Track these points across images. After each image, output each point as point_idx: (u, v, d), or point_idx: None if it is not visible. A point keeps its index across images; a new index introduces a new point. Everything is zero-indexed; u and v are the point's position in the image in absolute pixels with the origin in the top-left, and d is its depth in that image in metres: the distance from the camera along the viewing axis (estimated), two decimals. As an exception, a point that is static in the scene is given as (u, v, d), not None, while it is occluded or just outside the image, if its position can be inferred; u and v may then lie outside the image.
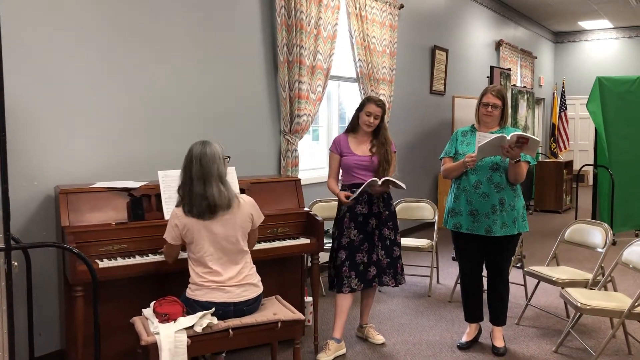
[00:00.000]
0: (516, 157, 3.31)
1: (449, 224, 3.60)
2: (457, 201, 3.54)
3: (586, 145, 12.96)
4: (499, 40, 9.98)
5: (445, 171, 3.62)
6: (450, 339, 3.87)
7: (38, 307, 3.21)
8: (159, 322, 2.64)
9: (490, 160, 3.44)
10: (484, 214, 3.44)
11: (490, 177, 3.45)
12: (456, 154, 3.58)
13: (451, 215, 3.58)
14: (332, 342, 3.53)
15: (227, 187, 2.80)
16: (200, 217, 2.74)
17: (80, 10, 3.38)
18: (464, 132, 3.66)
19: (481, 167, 3.45)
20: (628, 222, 7.13)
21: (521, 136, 3.22)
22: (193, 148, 2.80)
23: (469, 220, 3.49)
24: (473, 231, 3.49)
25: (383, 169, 3.54)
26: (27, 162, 3.18)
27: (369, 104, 3.56)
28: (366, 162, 3.54)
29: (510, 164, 3.37)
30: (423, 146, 7.53)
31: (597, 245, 3.96)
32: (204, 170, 2.74)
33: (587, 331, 4.04)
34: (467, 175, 3.49)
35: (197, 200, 2.73)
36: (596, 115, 6.89)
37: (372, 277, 3.58)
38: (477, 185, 3.46)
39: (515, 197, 3.50)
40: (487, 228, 3.44)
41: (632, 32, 12.66)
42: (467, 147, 3.54)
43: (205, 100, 4.21)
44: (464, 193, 3.50)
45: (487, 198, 3.43)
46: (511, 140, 3.22)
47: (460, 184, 3.54)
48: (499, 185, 3.44)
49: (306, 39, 4.77)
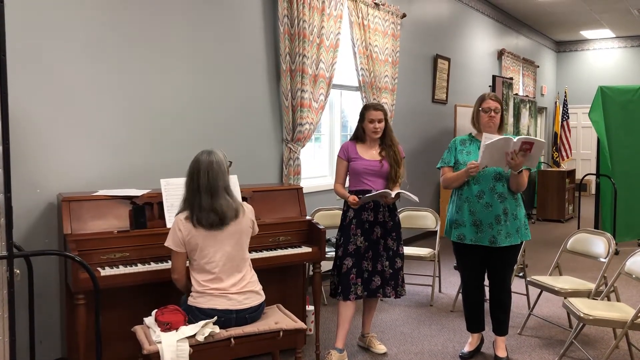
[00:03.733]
0: (519, 167, 3.30)
1: (452, 236, 3.55)
2: (460, 212, 3.50)
3: (588, 154, 12.95)
4: (501, 50, 10.00)
5: (445, 181, 3.57)
6: (452, 349, 3.86)
7: (40, 315, 3.20)
8: (161, 331, 2.64)
9: (493, 170, 3.42)
10: (487, 225, 3.42)
11: (493, 186, 3.43)
12: (456, 163, 3.54)
13: (454, 227, 3.53)
14: (334, 352, 3.52)
15: (233, 197, 2.82)
16: (210, 228, 2.74)
17: (84, 20, 3.40)
18: (462, 140, 3.62)
19: (484, 176, 3.44)
20: (631, 231, 7.11)
21: (526, 141, 3.20)
22: (200, 159, 2.79)
23: (472, 231, 3.46)
24: (477, 242, 3.46)
25: (394, 171, 3.52)
26: (30, 170, 3.19)
27: (368, 112, 3.56)
28: (375, 167, 3.53)
29: (512, 174, 3.36)
30: (425, 155, 7.53)
31: (599, 255, 3.95)
32: (211, 183, 2.74)
33: (590, 341, 4.02)
34: (469, 185, 3.46)
35: (205, 213, 2.73)
36: (598, 125, 6.90)
37: (376, 287, 3.56)
38: (480, 195, 3.44)
39: (517, 206, 3.49)
40: (491, 239, 3.42)
41: (634, 42, 12.68)
42: (467, 156, 3.51)
43: (208, 109, 4.22)
44: (467, 203, 3.47)
45: (491, 208, 3.41)
46: (516, 145, 3.20)
47: (462, 194, 3.50)
48: (502, 195, 3.42)
49: (309, 47, 4.79)
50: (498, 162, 3.32)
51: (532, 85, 11.60)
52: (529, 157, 3.27)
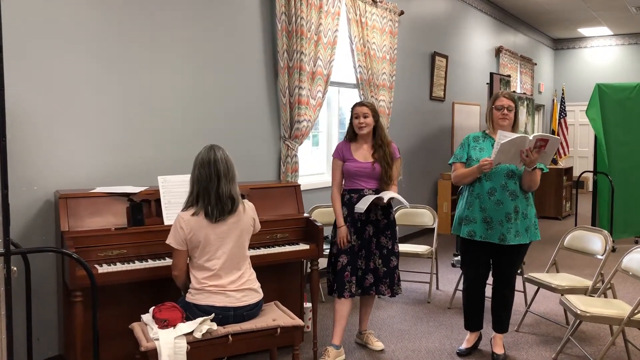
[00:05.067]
0: (533, 164, 3.28)
1: (462, 232, 3.52)
2: (471, 208, 3.48)
3: (586, 151, 12.98)
4: (498, 47, 10.01)
5: (457, 177, 3.55)
6: (449, 346, 3.86)
7: (37, 312, 3.19)
8: (158, 328, 2.64)
9: (505, 167, 3.40)
10: (498, 222, 3.40)
11: (505, 184, 3.41)
12: (468, 159, 3.52)
13: (465, 223, 3.51)
14: (331, 349, 3.52)
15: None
16: (219, 218, 2.74)
17: (81, 16, 3.39)
18: (476, 137, 3.60)
19: (496, 173, 3.41)
20: (628, 228, 7.13)
21: (541, 138, 3.21)
22: (210, 151, 2.80)
23: (483, 228, 3.44)
24: (487, 239, 3.44)
25: (385, 171, 3.52)
26: (27, 167, 3.18)
27: (353, 108, 3.58)
28: (367, 169, 3.53)
29: (526, 171, 3.34)
30: (423, 152, 7.54)
31: (596, 252, 3.96)
32: (230, 169, 2.79)
33: (587, 338, 4.03)
34: (481, 181, 3.44)
35: (222, 200, 2.75)
36: (596, 122, 6.91)
37: (369, 285, 3.57)
38: (491, 193, 3.42)
39: (528, 205, 3.48)
40: (500, 236, 3.40)
41: (631, 39, 12.69)
42: (480, 153, 3.49)
43: (205, 106, 4.21)
44: (478, 200, 3.45)
45: (502, 205, 3.39)
46: (531, 142, 3.21)
47: (473, 191, 3.48)
48: (514, 192, 3.41)
49: (306, 45, 4.78)
50: (512, 159, 3.31)
51: (529, 82, 11.61)
52: (543, 154, 3.27)
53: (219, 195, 2.75)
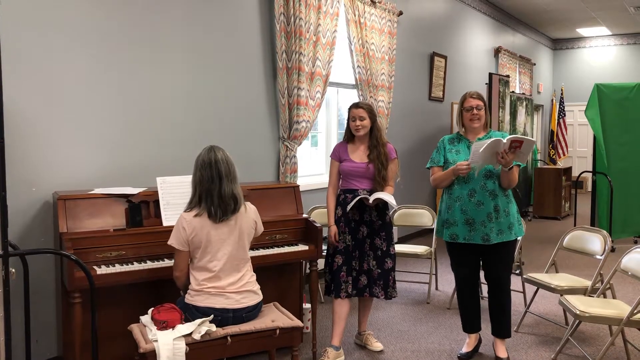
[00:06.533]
0: (510, 164, 3.30)
1: (444, 235, 3.54)
2: (451, 211, 3.50)
3: (585, 151, 12.98)
4: (497, 47, 10.01)
5: (435, 180, 3.58)
6: (449, 346, 3.86)
7: (35, 313, 3.19)
8: (157, 330, 2.63)
9: (483, 168, 3.42)
10: (480, 222, 3.41)
11: (484, 184, 3.42)
12: (446, 162, 3.53)
13: (446, 226, 3.52)
14: (331, 350, 3.52)
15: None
16: (222, 218, 2.75)
17: (79, 17, 3.39)
18: (451, 139, 3.61)
19: (474, 175, 3.44)
20: (627, 228, 7.13)
21: (515, 139, 3.23)
22: (210, 152, 2.80)
23: (465, 230, 3.45)
24: (470, 240, 3.45)
25: (379, 172, 3.51)
26: (26, 168, 3.17)
27: (350, 110, 3.58)
28: (362, 169, 3.53)
29: (503, 170, 3.36)
30: (422, 152, 7.53)
31: (596, 252, 3.96)
32: (231, 170, 2.80)
33: (586, 338, 4.03)
34: (460, 183, 3.46)
35: (225, 200, 2.75)
36: (595, 122, 6.91)
37: (363, 287, 3.57)
38: (471, 194, 3.43)
39: (509, 202, 3.49)
40: (483, 237, 3.41)
41: (630, 39, 12.70)
42: (456, 155, 3.51)
43: (204, 107, 4.21)
44: (458, 202, 3.46)
45: (482, 206, 3.41)
46: (506, 145, 3.22)
47: (452, 194, 3.50)
48: (493, 192, 3.42)
49: (305, 45, 4.78)
50: (489, 161, 3.34)
51: (528, 82, 11.62)
52: (519, 154, 3.30)
53: (221, 196, 2.76)
